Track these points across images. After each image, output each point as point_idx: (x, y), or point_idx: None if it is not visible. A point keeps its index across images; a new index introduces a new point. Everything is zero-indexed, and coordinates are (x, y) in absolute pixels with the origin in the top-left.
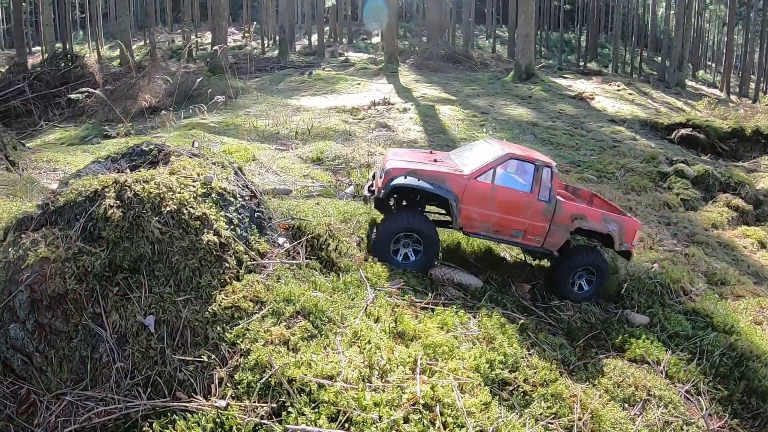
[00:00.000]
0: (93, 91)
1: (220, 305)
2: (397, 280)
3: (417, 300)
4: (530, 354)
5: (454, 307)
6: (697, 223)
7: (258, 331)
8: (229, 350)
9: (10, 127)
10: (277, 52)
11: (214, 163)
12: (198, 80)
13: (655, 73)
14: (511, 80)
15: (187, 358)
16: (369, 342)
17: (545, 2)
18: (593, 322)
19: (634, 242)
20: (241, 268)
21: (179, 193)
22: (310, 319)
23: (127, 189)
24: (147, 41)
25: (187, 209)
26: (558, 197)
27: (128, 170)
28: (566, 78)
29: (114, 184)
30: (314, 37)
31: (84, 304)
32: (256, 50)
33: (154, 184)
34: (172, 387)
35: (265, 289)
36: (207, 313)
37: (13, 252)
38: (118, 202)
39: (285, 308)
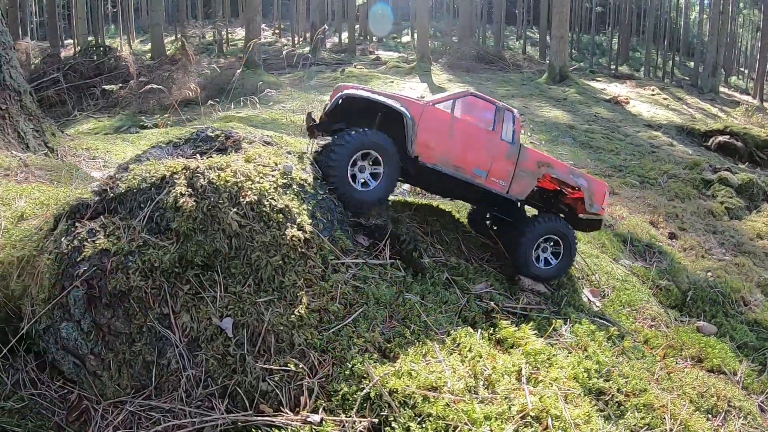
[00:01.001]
0: (156, 86)
1: (307, 308)
2: (483, 283)
3: (508, 305)
4: (619, 362)
5: (545, 312)
6: (743, 233)
7: (351, 337)
8: (319, 358)
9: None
10: (307, 49)
11: (288, 152)
12: (237, 72)
13: (687, 78)
14: (545, 82)
15: (272, 367)
16: (470, 350)
17: (576, 4)
18: (666, 331)
19: (604, 206)
20: (326, 267)
21: (258, 182)
22: (406, 324)
23: (199, 176)
24: (177, 36)
25: (268, 201)
26: None
27: (197, 156)
28: (599, 81)
29: (184, 171)
30: (344, 35)
31: (150, 303)
32: (286, 47)
33: (231, 171)
34: (253, 399)
35: (353, 290)
36: (293, 316)
37: (67, 242)
38: (189, 190)
39: (377, 312)
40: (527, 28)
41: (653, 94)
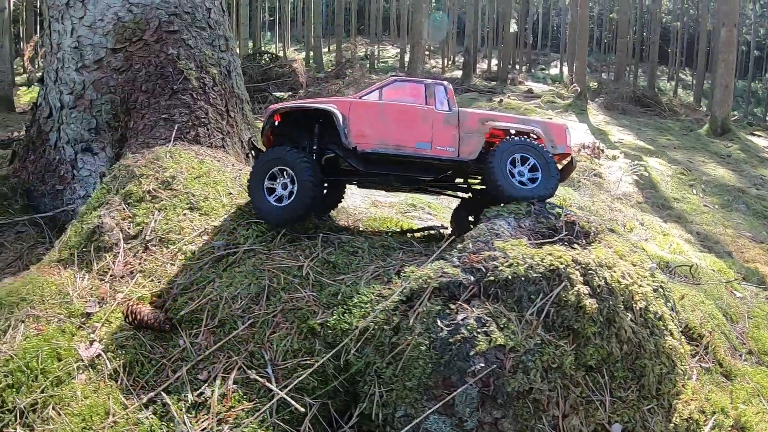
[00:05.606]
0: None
1: (680, 416)
2: None
3: None
4: None
5: None
6: None
7: None
8: None
9: None
10: (456, 72)
11: (631, 244)
12: None
13: None
14: (706, 134)
15: None
16: None
17: None
18: None
19: (569, 143)
20: (684, 373)
21: (640, 286)
22: None
23: (593, 274)
24: (330, 48)
25: (652, 307)
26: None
27: (561, 241)
28: (759, 136)
29: (575, 265)
30: (494, 62)
31: (544, 405)
32: (435, 68)
33: (619, 272)
34: None
35: (704, 398)
36: (671, 424)
37: (448, 329)
38: (588, 289)
39: (724, 421)
40: (680, 68)
41: None
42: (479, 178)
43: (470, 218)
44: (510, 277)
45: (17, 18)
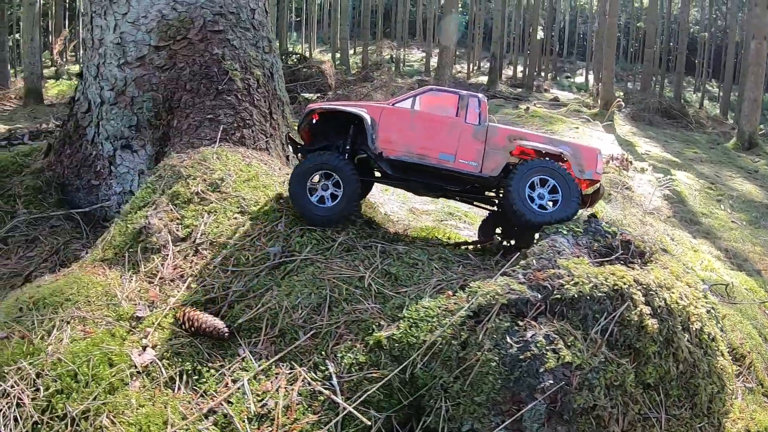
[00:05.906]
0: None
1: None
2: None
3: None
4: None
5: None
6: None
7: None
8: None
9: None
10: (481, 78)
11: (684, 265)
12: None
13: None
14: (733, 148)
15: None
16: None
17: None
18: None
19: (599, 170)
20: (732, 394)
21: (696, 307)
22: None
23: (653, 295)
24: (355, 50)
25: (707, 328)
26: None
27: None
28: None
29: (636, 285)
30: (519, 69)
31: (605, 422)
32: (460, 73)
33: (677, 293)
34: None
35: (749, 417)
36: None
37: (517, 346)
38: (649, 309)
39: None
40: (706, 80)
41: None
42: None
43: (498, 230)
44: (576, 295)
45: (46, 12)
